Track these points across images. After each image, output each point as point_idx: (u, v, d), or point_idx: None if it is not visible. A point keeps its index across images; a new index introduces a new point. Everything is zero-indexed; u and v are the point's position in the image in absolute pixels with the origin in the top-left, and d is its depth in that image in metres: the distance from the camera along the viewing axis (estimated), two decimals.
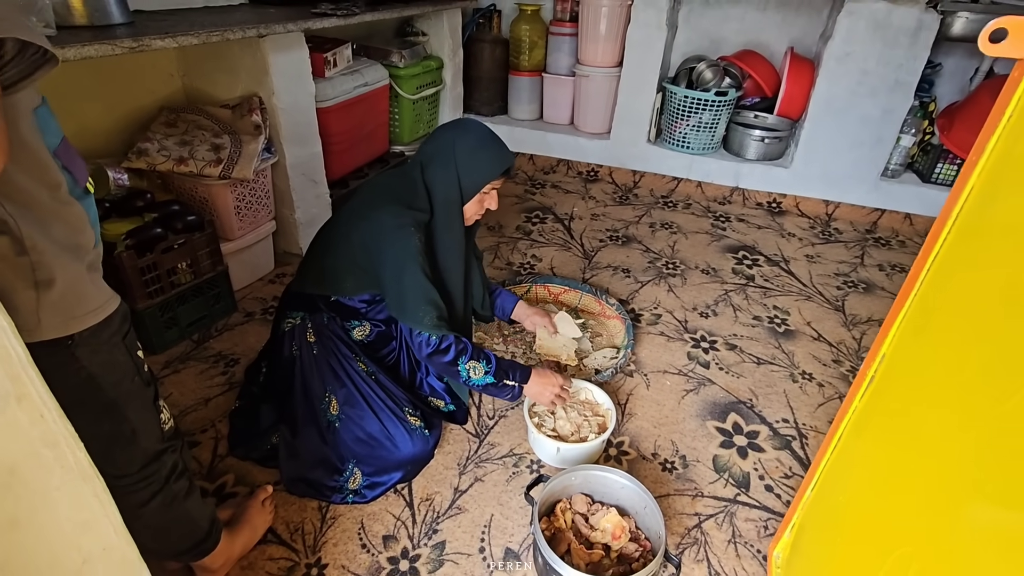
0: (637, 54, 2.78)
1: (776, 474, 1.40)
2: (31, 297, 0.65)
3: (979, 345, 0.60)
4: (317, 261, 1.34)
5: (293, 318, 1.36)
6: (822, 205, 2.78)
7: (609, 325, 1.89)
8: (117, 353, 0.77)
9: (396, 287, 1.22)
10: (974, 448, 0.57)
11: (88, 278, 0.72)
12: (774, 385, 1.69)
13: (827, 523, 0.91)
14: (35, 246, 0.64)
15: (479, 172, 1.31)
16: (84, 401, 0.75)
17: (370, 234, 1.24)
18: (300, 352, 1.33)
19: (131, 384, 0.80)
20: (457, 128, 1.34)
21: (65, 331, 0.69)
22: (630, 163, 3.02)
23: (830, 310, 2.06)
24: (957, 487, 0.59)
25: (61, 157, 0.70)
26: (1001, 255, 0.58)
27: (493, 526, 1.23)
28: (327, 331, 1.34)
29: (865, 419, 0.82)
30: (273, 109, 1.88)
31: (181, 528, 0.95)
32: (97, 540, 0.48)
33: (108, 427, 0.79)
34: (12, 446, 0.39)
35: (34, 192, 0.65)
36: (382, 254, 1.22)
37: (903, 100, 2.47)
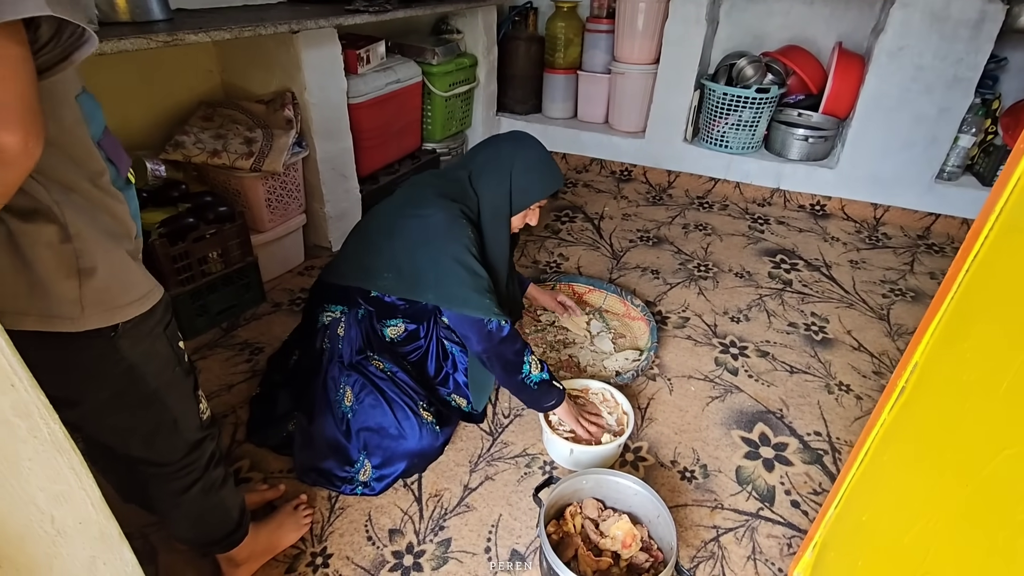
0: (675, 50, 2.70)
1: (804, 490, 1.32)
2: (73, 286, 0.64)
3: (1020, 355, 0.53)
4: (359, 255, 1.34)
5: (332, 311, 1.36)
6: (870, 208, 2.63)
7: (633, 327, 1.84)
8: (159, 344, 0.77)
9: (453, 279, 1.20)
10: (1011, 468, 0.51)
11: (133, 267, 0.72)
12: (807, 396, 1.60)
13: (850, 543, 0.84)
14: (79, 233, 0.64)
15: (532, 190, 1.34)
16: (126, 391, 0.76)
17: (420, 232, 1.23)
18: (330, 345, 1.35)
19: (172, 374, 0.80)
20: (517, 144, 1.35)
21: (109, 321, 0.68)
22: (665, 163, 2.94)
23: (873, 319, 1.94)
24: (991, 510, 0.53)
25: (104, 147, 0.71)
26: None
27: (501, 526, 1.21)
28: (358, 327, 1.34)
29: (894, 432, 0.76)
30: (305, 104, 1.91)
31: (216, 516, 0.97)
32: (73, 513, 0.48)
33: (150, 416, 0.80)
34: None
35: (78, 180, 0.65)
36: (433, 249, 1.22)
37: (962, 97, 2.30)
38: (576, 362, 1.68)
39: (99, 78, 1.67)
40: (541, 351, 1.72)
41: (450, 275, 1.21)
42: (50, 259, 0.62)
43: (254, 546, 1.07)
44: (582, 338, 1.76)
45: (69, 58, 0.59)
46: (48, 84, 0.58)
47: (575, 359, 1.69)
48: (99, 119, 0.70)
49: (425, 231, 1.23)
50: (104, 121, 0.71)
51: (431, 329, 1.44)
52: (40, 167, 0.57)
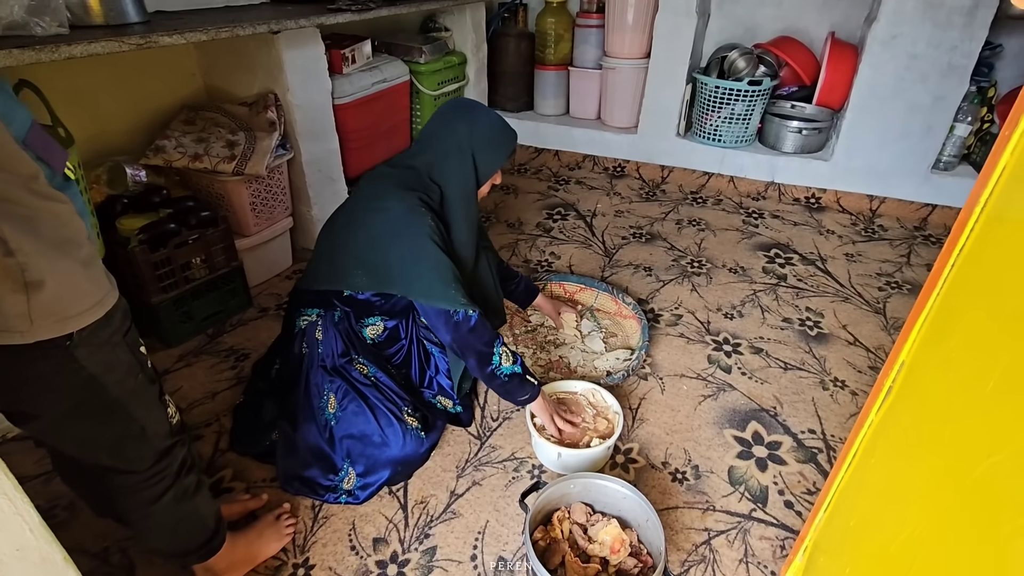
0: (666, 44, 2.67)
1: (798, 489, 1.29)
2: (20, 300, 0.61)
3: (1009, 352, 0.50)
4: (327, 256, 1.32)
5: (309, 315, 1.34)
6: (865, 200, 2.59)
7: (625, 325, 1.81)
8: (119, 351, 0.75)
9: (417, 269, 1.19)
10: (999, 473, 0.48)
11: (83, 275, 0.68)
12: (802, 393, 1.57)
13: (840, 547, 0.81)
14: (20, 247, 0.60)
15: (495, 162, 1.33)
16: (87, 402, 0.73)
17: (382, 225, 1.20)
18: (309, 350, 1.32)
19: (135, 382, 0.78)
20: (470, 118, 1.30)
21: (61, 331, 0.66)
22: (658, 158, 2.91)
23: (869, 313, 1.91)
24: (979, 516, 0.50)
25: (32, 145, 0.67)
26: None
27: (488, 533, 1.18)
28: (334, 328, 1.32)
29: (882, 434, 0.73)
30: (288, 106, 1.89)
31: (190, 525, 0.94)
32: (8, 540, 0.46)
33: (115, 426, 0.78)
34: None
35: (9, 188, 0.61)
36: (397, 241, 1.19)
37: (957, 86, 2.27)
38: (567, 362, 1.65)
39: (77, 82, 1.65)
40: (531, 351, 1.69)
41: (414, 265, 1.19)
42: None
43: (233, 556, 1.05)
44: (572, 338, 1.74)
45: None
46: None
47: (565, 359, 1.66)
48: (22, 116, 0.66)
49: (386, 223, 1.20)
50: (29, 117, 0.67)
51: (411, 328, 1.42)
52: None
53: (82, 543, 1.12)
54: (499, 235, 2.35)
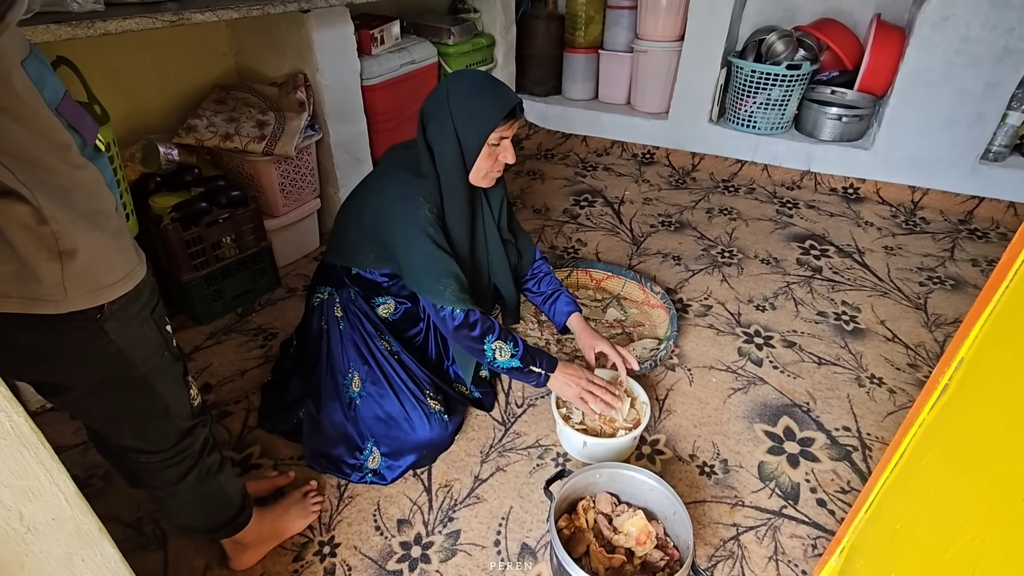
0: (700, 25, 2.58)
1: (831, 488, 1.26)
2: (55, 269, 0.62)
3: None
4: (340, 235, 1.32)
5: (322, 293, 1.35)
6: (907, 191, 2.49)
7: (652, 315, 1.77)
8: (146, 327, 0.76)
9: (408, 260, 1.17)
10: None
11: (113, 246, 0.69)
12: (836, 389, 1.52)
13: (883, 552, 0.78)
14: (54, 216, 0.61)
15: (479, 124, 1.15)
16: (115, 376, 0.74)
17: (380, 207, 1.19)
18: (328, 327, 1.32)
19: (160, 359, 0.79)
20: (450, 80, 1.18)
21: (93, 302, 0.67)
22: (689, 144, 2.83)
23: (909, 308, 1.84)
24: None
25: (65, 114, 0.66)
26: None
27: (511, 519, 1.18)
28: (353, 307, 1.32)
29: (935, 433, 0.69)
30: (317, 86, 1.88)
31: (216, 502, 0.96)
32: (44, 509, 0.46)
33: (141, 403, 0.79)
34: None
35: (43, 155, 0.61)
36: (391, 227, 1.17)
37: (1013, 71, 2.14)
38: None
39: (112, 61, 1.66)
40: (544, 342, 1.66)
41: (405, 255, 1.17)
42: (29, 241, 0.59)
43: (260, 531, 1.06)
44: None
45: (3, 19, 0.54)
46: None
47: None
48: (54, 84, 0.65)
49: (383, 207, 1.18)
50: (62, 86, 0.66)
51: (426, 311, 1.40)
52: (5, 147, 0.55)
53: (117, 512, 1.15)
54: (525, 220, 2.32)
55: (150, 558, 1.08)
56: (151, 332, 0.76)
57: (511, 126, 1.18)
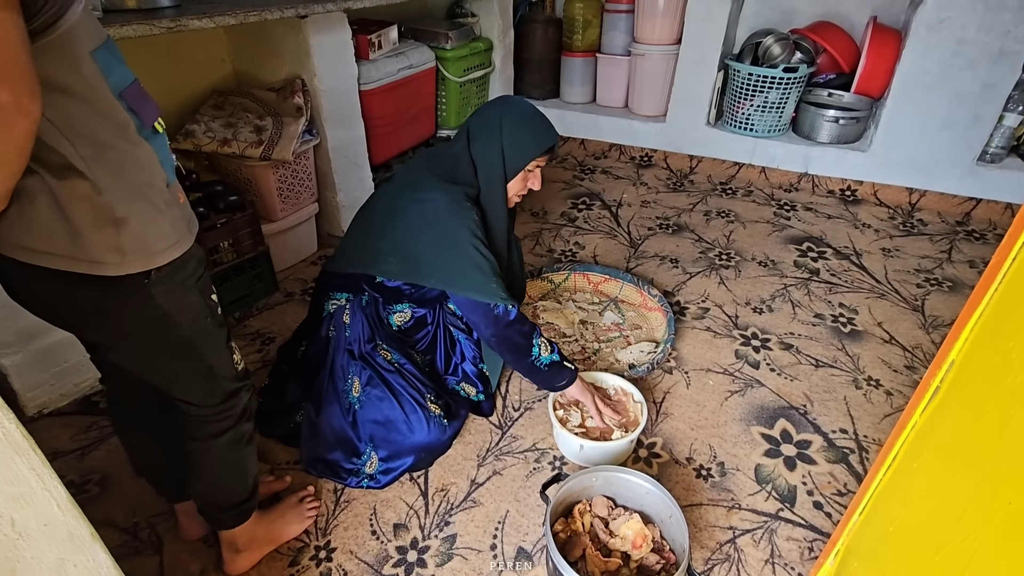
0: (698, 29, 2.59)
1: (828, 490, 1.26)
2: (112, 234, 0.70)
3: None
4: (361, 241, 1.33)
5: (338, 299, 1.35)
6: (904, 193, 2.49)
7: (650, 317, 1.78)
8: (191, 294, 0.82)
9: (459, 264, 1.21)
10: None
11: (162, 216, 0.75)
12: (833, 391, 1.52)
13: (876, 554, 0.78)
14: (108, 188, 0.69)
15: (523, 149, 1.27)
16: (162, 338, 0.82)
17: (423, 216, 1.22)
18: (336, 334, 1.33)
19: (204, 324, 0.85)
20: (503, 104, 1.30)
21: (147, 265, 0.74)
22: (687, 147, 2.84)
23: (906, 310, 1.84)
24: None
25: (127, 99, 0.73)
26: None
27: (507, 523, 1.18)
28: (362, 314, 1.32)
29: (927, 435, 0.69)
30: (315, 91, 1.89)
31: (235, 475, 1.00)
32: (36, 515, 0.46)
33: (187, 363, 0.86)
34: None
35: (105, 134, 0.69)
36: (438, 234, 1.21)
37: (1009, 73, 2.15)
38: (589, 353, 1.63)
39: None
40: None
41: (455, 259, 1.20)
42: (88, 211, 0.68)
43: (255, 533, 1.07)
44: (571, 332, 1.70)
45: (63, 18, 0.62)
46: (61, 41, 0.63)
47: (587, 351, 1.64)
48: (120, 72, 0.72)
49: (427, 215, 1.21)
50: (130, 75, 0.74)
51: (438, 314, 1.42)
52: (66, 122, 0.64)
53: (113, 517, 1.15)
54: (523, 224, 2.33)
55: (146, 563, 1.08)
56: (195, 299, 0.82)
57: (546, 159, 1.31)
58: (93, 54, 0.68)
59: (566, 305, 1.82)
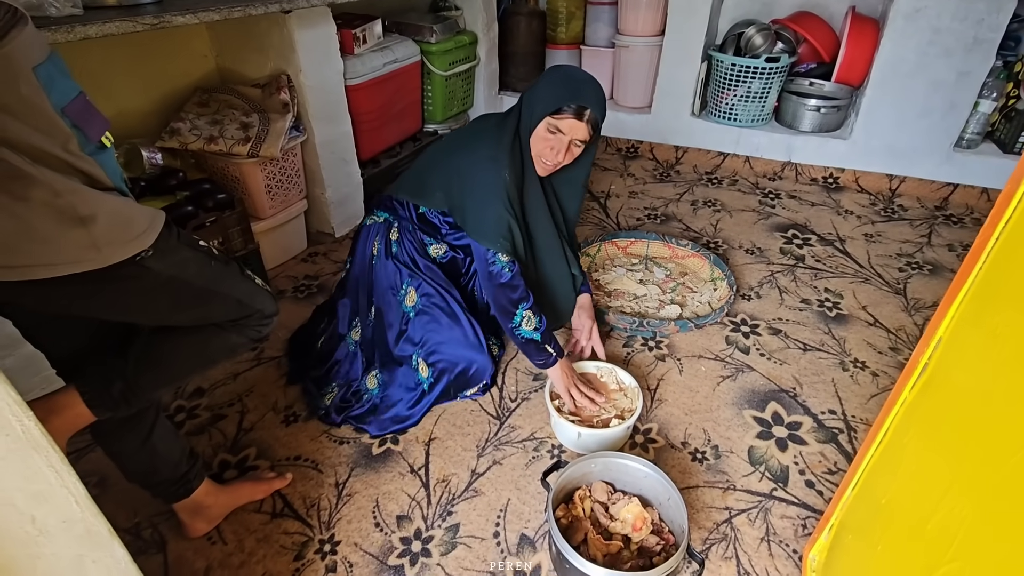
0: (680, 20, 2.61)
1: (819, 469, 1.29)
2: (82, 233, 0.71)
3: None
4: (418, 174, 1.42)
5: (378, 216, 1.45)
6: (885, 180, 2.55)
7: (687, 264, 1.96)
8: (183, 252, 0.85)
9: (481, 211, 1.27)
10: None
11: (128, 206, 0.77)
12: (821, 374, 1.56)
13: (869, 526, 0.81)
14: (64, 189, 0.70)
15: (538, 101, 1.27)
16: (180, 295, 0.87)
17: (467, 161, 1.30)
18: (380, 247, 1.42)
19: (211, 269, 0.89)
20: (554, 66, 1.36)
21: (127, 253, 0.76)
22: (672, 138, 2.86)
23: (889, 293, 1.89)
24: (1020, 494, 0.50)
25: (70, 114, 0.73)
26: None
27: (509, 511, 1.19)
28: (410, 236, 1.43)
29: (915, 411, 0.72)
30: (301, 87, 1.87)
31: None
32: (55, 512, 0.47)
33: (218, 305, 0.92)
34: None
35: (48, 147, 0.69)
36: (474, 180, 1.27)
37: (983, 60, 2.21)
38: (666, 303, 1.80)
39: (92, 64, 1.64)
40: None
41: (477, 205, 1.28)
42: (50, 216, 0.68)
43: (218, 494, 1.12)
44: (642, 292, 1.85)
45: (4, 38, 0.63)
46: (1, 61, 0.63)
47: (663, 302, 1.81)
48: (64, 87, 0.71)
49: (469, 163, 1.29)
50: (75, 88, 0.73)
51: (472, 275, 1.52)
52: (7, 138, 0.64)
53: (114, 518, 1.12)
54: None
55: (150, 561, 1.08)
56: (188, 254, 0.86)
57: (571, 119, 1.24)
58: (35, 70, 0.67)
59: (616, 271, 1.95)
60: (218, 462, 1.29)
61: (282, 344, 1.63)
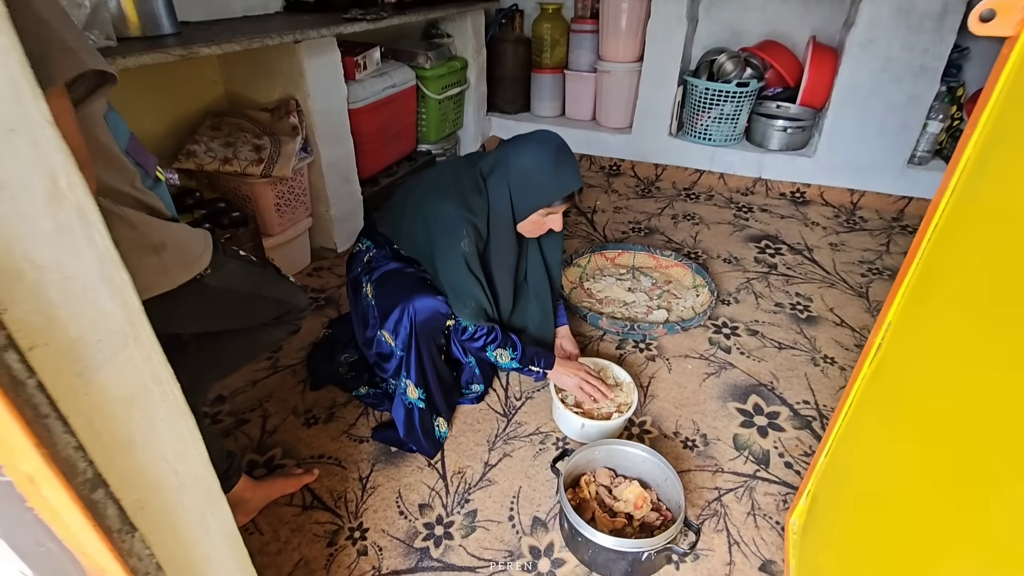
0: (658, 48, 2.81)
1: (796, 452, 1.44)
2: (155, 260, 0.82)
3: (969, 310, 0.64)
4: (398, 213, 1.42)
5: (362, 244, 1.49)
6: (847, 194, 2.77)
7: (672, 273, 2.13)
8: (230, 263, 0.98)
9: (443, 273, 1.31)
10: (979, 418, 0.61)
11: (188, 232, 0.89)
12: (795, 369, 1.72)
13: (838, 490, 0.95)
14: (139, 222, 0.80)
15: (531, 197, 1.30)
16: (234, 302, 1.00)
17: (433, 218, 1.30)
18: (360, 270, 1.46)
19: (254, 275, 1.04)
20: (520, 145, 1.31)
21: (190, 274, 0.87)
22: (652, 156, 3.05)
23: (854, 296, 2.07)
24: (959, 460, 0.63)
25: (132, 154, 0.83)
26: (986, 226, 0.63)
27: (521, 497, 1.31)
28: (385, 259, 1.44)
29: (873, 384, 0.87)
30: (308, 111, 1.99)
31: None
32: (190, 469, 0.57)
33: (262, 307, 1.07)
34: (131, 380, 0.47)
35: (121, 185, 0.79)
36: (435, 243, 1.30)
37: (929, 86, 2.45)
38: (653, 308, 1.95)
39: (112, 93, 1.73)
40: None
41: (444, 267, 1.30)
42: (128, 248, 0.76)
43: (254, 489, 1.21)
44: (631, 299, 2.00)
45: (97, 91, 0.72)
46: (84, 111, 0.72)
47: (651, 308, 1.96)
48: (124, 131, 0.83)
49: (435, 219, 1.30)
50: (128, 130, 0.85)
51: None
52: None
53: None
54: None
55: None
56: (234, 264, 0.99)
57: (563, 206, 1.32)
58: (106, 117, 0.78)
59: (606, 280, 2.10)
60: (247, 462, 1.37)
61: (295, 352, 1.72)
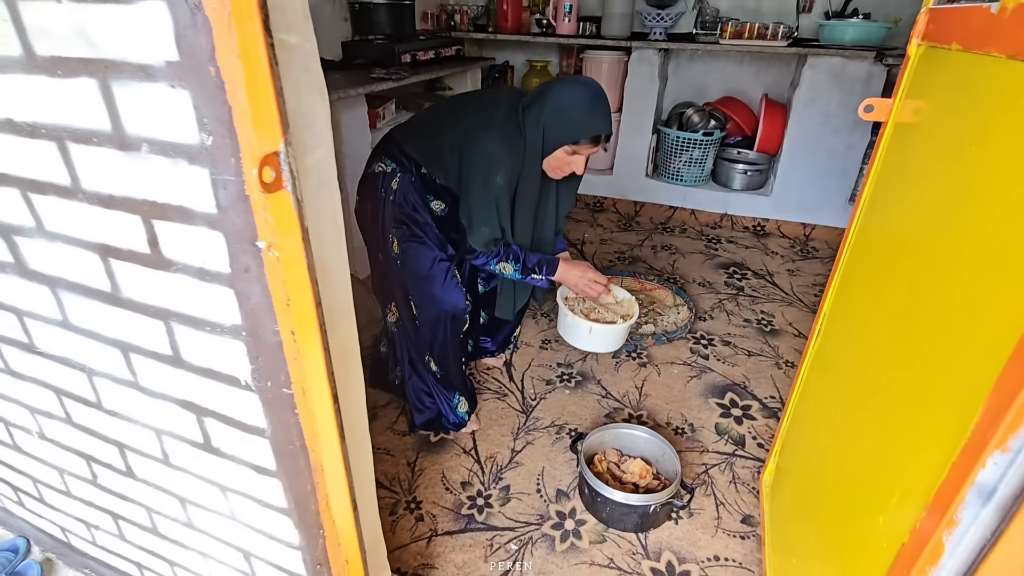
0: (634, 101, 3.23)
1: (765, 435, 1.75)
2: None
3: (875, 303, 0.97)
4: (424, 135, 1.44)
5: (384, 165, 1.46)
6: (800, 227, 3.19)
7: (655, 295, 2.42)
8: None
9: (471, 203, 1.38)
10: (874, 371, 0.93)
11: None
12: (762, 371, 2.04)
13: (797, 446, 1.26)
14: None
15: (562, 130, 1.32)
16: None
17: (469, 151, 1.33)
18: (384, 196, 1.45)
19: None
20: (562, 83, 1.35)
21: None
22: (631, 195, 3.44)
23: (808, 313, 2.43)
24: (861, 402, 0.94)
25: None
26: (871, 245, 0.96)
27: (545, 474, 1.57)
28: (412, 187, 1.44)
29: (817, 359, 1.19)
30: (341, 156, 2.29)
31: None
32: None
33: None
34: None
35: None
36: (470, 174, 1.35)
37: (862, 137, 2.91)
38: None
39: None
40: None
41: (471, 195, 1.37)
42: None
43: None
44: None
45: None
46: None
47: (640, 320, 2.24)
48: None
49: (477, 151, 1.33)
50: None
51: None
52: None
53: None
54: None
55: None
56: None
57: (590, 147, 1.36)
58: None
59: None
60: None
61: None
